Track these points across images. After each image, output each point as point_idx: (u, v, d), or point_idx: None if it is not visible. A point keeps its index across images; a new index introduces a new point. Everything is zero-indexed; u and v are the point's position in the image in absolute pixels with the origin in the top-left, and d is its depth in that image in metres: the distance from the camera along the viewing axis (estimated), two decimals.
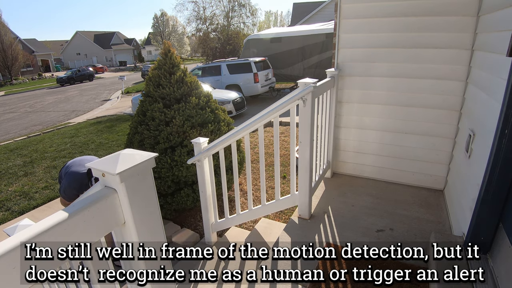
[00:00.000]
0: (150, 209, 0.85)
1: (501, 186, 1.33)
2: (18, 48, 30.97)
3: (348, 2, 2.50)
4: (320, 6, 19.06)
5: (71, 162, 2.47)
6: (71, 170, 2.36)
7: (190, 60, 43.12)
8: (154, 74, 3.32)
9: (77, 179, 2.30)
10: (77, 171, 2.33)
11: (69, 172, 2.35)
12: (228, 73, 10.54)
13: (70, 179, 2.30)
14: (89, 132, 8.06)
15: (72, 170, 2.36)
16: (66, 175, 2.34)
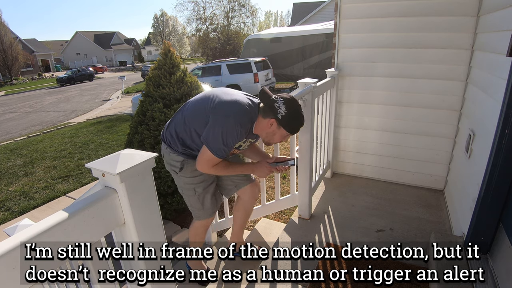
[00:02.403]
0: (150, 209, 0.85)
1: (501, 186, 1.33)
2: (18, 48, 30.97)
3: (348, 2, 2.50)
4: (320, 6, 19.07)
5: (202, 98, 1.56)
6: (227, 103, 1.46)
7: (190, 60, 43.11)
8: (154, 74, 3.32)
9: (245, 111, 1.47)
10: (241, 101, 1.48)
11: (226, 109, 1.46)
12: (228, 73, 10.54)
13: (236, 115, 1.44)
14: (89, 132, 8.06)
15: (231, 102, 1.47)
16: (219, 116, 1.44)
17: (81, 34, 47.81)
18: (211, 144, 1.45)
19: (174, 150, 1.63)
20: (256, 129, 1.56)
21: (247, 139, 1.60)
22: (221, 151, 1.46)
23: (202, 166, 1.53)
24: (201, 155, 1.50)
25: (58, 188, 4.70)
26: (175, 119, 1.65)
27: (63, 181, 4.97)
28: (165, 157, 1.70)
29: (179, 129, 1.60)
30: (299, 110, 1.50)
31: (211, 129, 1.45)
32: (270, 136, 1.55)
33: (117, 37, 49.25)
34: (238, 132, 1.46)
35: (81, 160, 5.88)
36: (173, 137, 1.62)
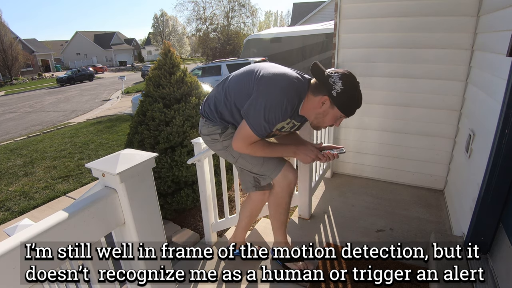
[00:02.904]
0: (150, 209, 0.85)
1: (501, 186, 1.33)
2: (18, 48, 30.98)
3: (348, 2, 2.50)
4: (320, 6, 19.06)
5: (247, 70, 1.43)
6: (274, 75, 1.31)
7: (190, 60, 43.11)
8: (154, 74, 3.32)
9: (294, 85, 1.31)
10: (290, 74, 1.34)
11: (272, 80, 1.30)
12: (228, 73, 10.54)
13: (284, 88, 1.29)
14: (89, 132, 8.06)
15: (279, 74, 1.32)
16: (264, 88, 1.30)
17: (81, 34, 47.81)
18: (251, 118, 1.30)
19: (212, 121, 1.51)
20: (303, 109, 1.37)
21: (291, 120, 1.42)
22: (261, 127, 1.30)
23: (238, 143, 1.37)
24: (239, 130, 1.36)
25: (58, 188, 4.70)
26: (215, 91, 1.53)
27: (63, 181, 4.97)
28: (203, 131, 1.57)
29: (219, 102, 1.47)
30: (357, 87, 1.28)
31: (254, 101, 1.30)
32: (320, 118, 1.35)
33: (117, 37, 49.24)
34: (284, 108, 1.28)
35: (81, 160, 5.88)
36: (212, 110, 1.50)
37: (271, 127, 1.32)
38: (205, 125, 1.54)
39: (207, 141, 1.58)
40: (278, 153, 1.50)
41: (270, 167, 1.55)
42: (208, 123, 1.52)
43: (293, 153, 1.46)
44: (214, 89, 1.55)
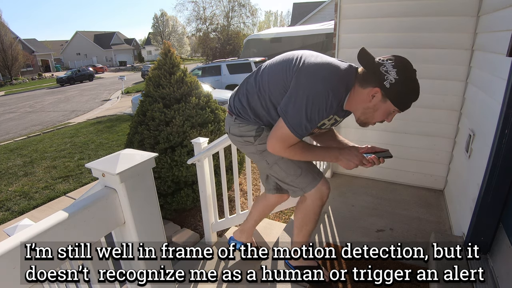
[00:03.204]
0: (150, 209, 0.85)
1: (501, 186, 1.33)
2: (18, 48, 30.98)
3: (348, 2, 2.50)
4: (320, 6, 19.07)
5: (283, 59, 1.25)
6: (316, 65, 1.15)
7: (190, 60, 43.12)
8: (154, 74, 3.32)
9: (340, 75, 1.14)
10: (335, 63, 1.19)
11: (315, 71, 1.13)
12: (228, 73, 10.55)
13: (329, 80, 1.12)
14: (89, 132, 8.06)
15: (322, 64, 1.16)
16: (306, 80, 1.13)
17: (81, 34, 47.81)
18: (290, 117, 1.12)
19: (244, 120, 1.32)
20: (349, 103, 1.18)
21: (333, 116, 1.25)
22: (301, 127, 1.13)
23: (274, 146, 1.20)
24: (275, 131, 1.18)
25: (58, 188, 4.70)
26: (246, 84, 1.34)
27: (63, 181, 4.97)
28: (232, 131, 1.38)
29: (252, 97, 1.29)
30: (414, 77, 1.09)
31: (293, 97, 1.11)
32: (369, 113, 1.15)
33: (117, 37, 49.25)
34: (329, 102, 1.09)
35: (81, 160, 5.88)
36: (244, 107, 1.31)
37: (312, 127, 1.15)
38: (235, 124, 1.35)
39: (237, 142, 1.40)
40: (319, 158, 1.31)
41: (307, 180, 1.39)
42: (239, 122, 1.33)
43: (335, 158, 1.28)
44: (245, 82, 1.35)
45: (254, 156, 1.43)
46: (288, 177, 1.41)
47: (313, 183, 1.39)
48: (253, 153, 1.41)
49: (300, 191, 1.44)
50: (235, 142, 1.42)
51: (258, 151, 1.38)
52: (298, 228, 1.58)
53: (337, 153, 1.28)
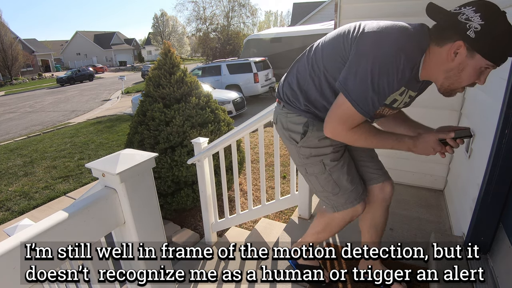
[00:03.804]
0: (150, 209, 0.85)
1: (501, 186, 1.33)
2: (18, 48, 30.99)
3: (348, 2, 2.50)
4: (320, 6, 19.08)
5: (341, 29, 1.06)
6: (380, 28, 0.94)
7: (190, 60, 43.14)
8: (154, 74, 3.33)
9: (410, 34, 0.94)
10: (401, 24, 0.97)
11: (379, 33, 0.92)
12: (228, 73, 10.55)
13: (397, 40, 0.91)
14: (89, 132, 8.06)
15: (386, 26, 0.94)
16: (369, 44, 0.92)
17: (81, 34, 47.83)
18: (352, 90, 0.92)
19: (293, 107, 1.16)
20: (426, 70, 0.96)
21: (406, 90, 1.03)
22: (367, 102, 0.92)
23: (334, 129, 1.00)
24: (335, 109, 0.98)
25: (58, 188, 4.70)
26: (297, 65, 1.20)
27: (63, 181, 4.97)
28: (280, 120, 1.24)
29: (303, 78, 1.12)
30: (505, 19, 0.83)
31: (354, 66, 0.92)
32: (454, 76, 0.91)
33: (117, 37, 49.26)
34: (400, 68, 0.88)
35: (81, 160, 5.88)
36: (293, 89, 1.15)
37: (381, 101, 0.94)
38: (282, 113, 1.20)
39: (283, 136, 1.26)
40: (388, 145, 1.06)
41: (342, 201, 1.25)
42: (287, 110, 1.18)
43: (408, 148, 1.07)
44: (296, 63, 1.21)
45: (294, 158, 1.29)
46: (323, 192, 1.28)
47: (347, 205, 1.26)
48: (293, 154, 1.27)
49: (331, 209, 1.31)
50: (281, 135, 1.28)
51: (300, 155, 1.23)
52: (314, 230, 1.49)
53: (410, 142, 1.06)
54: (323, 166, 1.20)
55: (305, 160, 1.21)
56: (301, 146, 1.19)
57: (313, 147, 1.17)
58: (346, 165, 1.23)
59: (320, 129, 1.10)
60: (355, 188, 1.24)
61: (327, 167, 1.20)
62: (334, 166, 1.20)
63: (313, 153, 1.19)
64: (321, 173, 1.21)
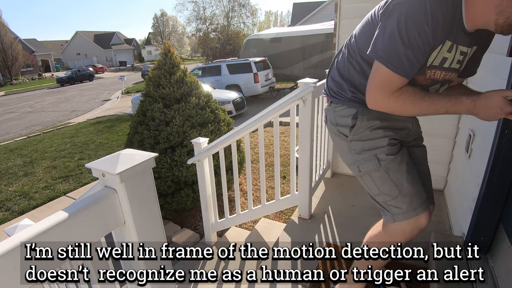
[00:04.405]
0: (150, 209, 0.85)
1: (501, 186, 1.33)
2: (18, 48, 31.00)
3: (348, 2, 2.50)
4: (320, 6, 19.08)
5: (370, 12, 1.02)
6: None
7: (190, 60, 43.14)
8: (154, 74, 3.32)
9: None
10: None
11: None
12: (228, 73, 10.55)
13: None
14: (89, 132, 8.06)
15: None
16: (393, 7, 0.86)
17: (81, 34, 47.83)
18: (382, 50, 0.86)
19: (340, 99, 1.12)
20: (470, 13, 0.84)
21: (454, 45, 0.89)
22: (400, 58, 0.84)
23: (376, 97, 0.94)
24: (372, 79, 0.93)
25: (58, 188, 4.70)
26: (336, 59, 1.18)
27: (63, 181, 4.97)
28: (329, 117, 1.19)
29: (342, 65, 1.10)
30: None
31: (382, 28, 0.87)
32: (508, 7, 0.78)
33: (117, 37, 49.26)
34: (428, 11, 0.79)
35: (81, 160, 5.88)
36: (336, 81, 1.13)
37: (418, 56, 0.84)
38: (330, 108, 1.16)
39: (332, 132, 1.20)
40: (442, 109, 0.90)
41: (403, 206, 1.09)
42: (334, 104, 1.14)
43: (467, 109, 0.89)
44: (335, 59, 1.18)
45: (345, 157, 1.18)
46: (380, 195, 1.13)
47: (409, 214, 1.09)
48: (344, 152, 1.17)
49: (390, 217, 1.13)
50: (330, 132, 1.21)
51: (351, 150, 1.13)
52: (368, 245, 1.27)
53: (469, 103, 0.88)
54: (377, 161, 1.07)
55: (357, 156, 1.11)
56: (352, 140, 1.11)
57: (365, 139, 1.08)
58: (405, 162, 1.08)
59: (370, 118, 1.06)
60: (417, 191, 1.08)
61: (382, 162, 1.06)
62: (391, 161, 1.06)
63: (365, 147, 1.09)
64: (376, 170, 1.08)
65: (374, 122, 1.07)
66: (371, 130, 1.08)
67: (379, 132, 1.08)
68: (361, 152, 1.10)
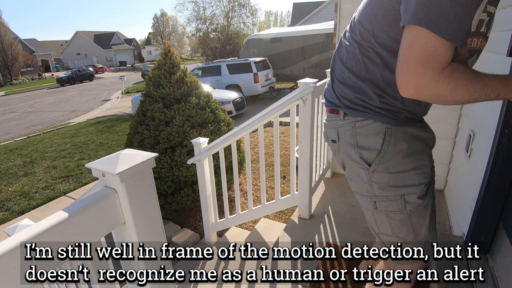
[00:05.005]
0: (150, 209, 0.85)
1: (501, 186, 1.33)
2: (18, 48, 31.01)
3: (348, 2, 2.50)
4: (320, 6, 19.08)
5: None
6: None
7: (190, 60, 43.14)
8: (154, 74, 3.32)
9: None
10: None
11: None
12: (228, 73, 10.55)
13: None
14: (89, 132, 8.06)
15: None
16: None
17: (81, 34, 47.83)
18: (420, 11, 0.64)
19: (363, 111, 0.85)
20: None
21: (486, 5, 0.69)
22: (447, 19, 0.63)
23: (420, 77, 0.66)
24: (409, 51, 0.67)
25: (58, 188, 4.70)
26: (338, 62, 0.94)
27: (63, 181, 4.97)
28: (343, 134, 0.92)
29: (353, 62, 0.87)
30: None
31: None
32: None
33: (117, 37, 49.26)
34: None
35: (81, 160, 5.88)
36: (351, 85, 0.87)
37: (466, 13, 0.65)
38: (346, 124, 0.90)
39: (348, 156, 0.93)
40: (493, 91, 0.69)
41: (418, 253, 0.96)
42: (353, 117, 0.88)
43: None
44: (335, 60, 0.96)
45: (358, 185, 0.94)
46: (391, 237, 0.98)
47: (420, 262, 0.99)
48: (359, 181, 0.93)
49: (408, 263, 1.02)
50: (345, 155, 0.94)
51: (371, 183, 0.89)
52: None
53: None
54: (403, 203, 0.86)
55: (379, 191, 0.88)
56: (375, 171, 0.86)
57: (393, 171, 0.84)
58: (431, 205, 0.91)
59: (399, 139, 0.82)
60: (432, 236, 0.97)
61: (409, 205, 0.87)
62: (418, 205, 0.87)
63: (391, 182, 0.86)
64: (397, 212, 0.89)
65: (402, 146, 0.83)
66: (403, 157, 0.83)
67: (411, 162, 0.84)
68: (385, 187, 0.87)
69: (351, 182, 1.00)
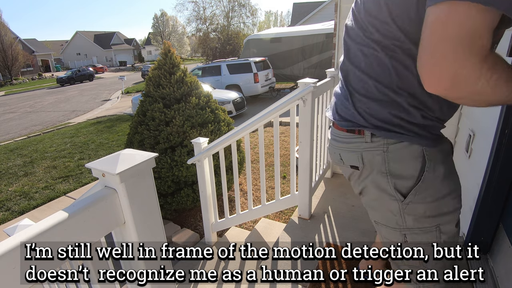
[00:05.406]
0: (150, 209, 0.85)
1: (501, 186, 1.33)
2: (18, 48, 31.01)
3: (348, 2, 2.50)
4: (320, 6, 19.08)
5: None
6: None
7: (190, 60, 43.14)
8: (154, 74, 3.33)
9: None
10: None
11: None
12: (228, 73, 10.55)
13: None
14: (89, 132, 8.06)
15: None
16: None
17: (81, 34, 47.84)
18: None
19: (398, 131, 0.70)
20: None
21: None
22: None
23: (459, 63, 0.51)
24: (438, 28, 0.52)
25: (58, 188, 4.70)
26: (350, 62, 0.75)
27: (63, 181, 4.97)
28: (371, 160, 0.76)
29: (379, 70, 0.69)
30: None
31: None
32: None
33: (117, 37, 49.26)
34: None
35: (81, 160, 5.88)
36: (379, 98, 0.70)
37: None
38: (375, 147, 0.75)
39: (375, 186, 0.79)
40: None
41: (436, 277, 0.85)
42: (383, 140, 0.73)
43: None
44: (348, 67, 0.77)
45: (384, 216, 0.82)
46: (416, 267, 0.93)
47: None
48: (387, 212, 0.79)
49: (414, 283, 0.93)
50: (370, 183, 0.79)
51: (403, 215, 0.77)
52: None
53: None
54: (438, 233, 0.77)
55: (413, 222, 0.76)
56: (411, 202, 0.72)
57: (430, 200, 0.72)
58: (458, 230, 0.83)
59: (440, 162, 0.69)
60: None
61: (444, 236, 0.78)
62: (454, 234, 0.79)
63: (428, 212, 0.74)
64: (430, 243, 0.79)
65: (440, 169, 0.70)
66: (441, 181, 0.71)
67: (447, 185, 0.72)
68: (421, 218, 0.74)
69: (371, 211, 0.84)
